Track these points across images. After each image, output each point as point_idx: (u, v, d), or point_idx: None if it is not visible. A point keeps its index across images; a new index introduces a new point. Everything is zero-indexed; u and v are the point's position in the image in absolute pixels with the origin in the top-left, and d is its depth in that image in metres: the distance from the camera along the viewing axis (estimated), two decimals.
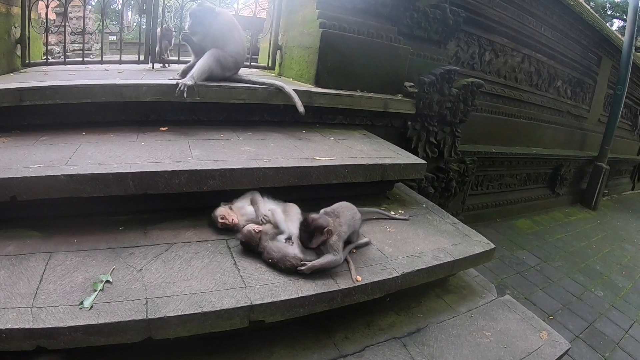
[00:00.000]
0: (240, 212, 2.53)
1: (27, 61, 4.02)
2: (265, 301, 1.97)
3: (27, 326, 1.65)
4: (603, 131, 9.15)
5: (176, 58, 4.54)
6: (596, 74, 9.03)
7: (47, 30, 4.12)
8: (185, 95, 3.12)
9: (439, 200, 4.66)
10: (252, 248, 2.30)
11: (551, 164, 8.10)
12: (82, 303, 1.79)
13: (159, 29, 4.37)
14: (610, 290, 5.55)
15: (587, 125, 9.39)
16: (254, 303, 1.94)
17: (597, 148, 9.17)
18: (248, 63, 4.50)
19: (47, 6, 4.06)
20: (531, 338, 2.54)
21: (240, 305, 1.91)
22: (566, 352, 2.53)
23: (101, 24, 4.43)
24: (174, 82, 3.17)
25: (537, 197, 8.02)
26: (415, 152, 4.20)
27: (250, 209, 2.55)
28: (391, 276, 2.33)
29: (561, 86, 8.29)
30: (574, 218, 8.34)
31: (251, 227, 2.34)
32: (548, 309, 4.72)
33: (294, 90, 3.50)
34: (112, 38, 11.83)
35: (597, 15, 8.70)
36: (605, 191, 9.64)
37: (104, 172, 2.32)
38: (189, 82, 3.14)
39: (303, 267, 2.17)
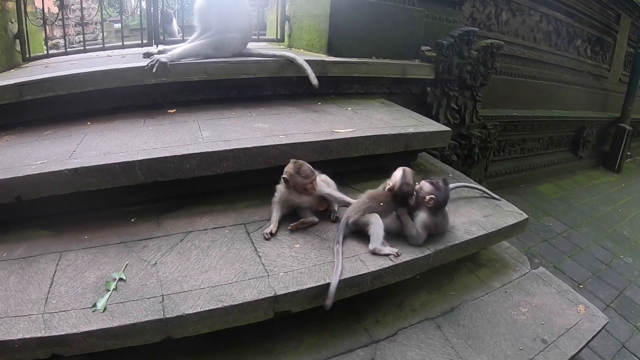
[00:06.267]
0: None
1: (27, 56, 3.92)
2: (290, 290, 1.86)
3: (39, 334, 1.58)
4: (624, 91, 8.81)
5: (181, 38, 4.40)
6: (616, 32, 8.70)
7: (44, 22, 3.99)
8: (154, 70, 2.98)
9: (462, 168, 4.49)
10: None
11: (573, 126, 7.86)
12: (95, 305, 1.71)
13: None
14: (639, 257, 5.38)
15: (608, 86, 9.08)
16: (278, 293, 1.83)
17: (619, 109, 8.81)
18: (256, 37, 4.38)
19: None
20: (568, 313, 2.47)
21: (263, 297, 1.81)
22: (604, 327, 2.46)
23: (99, 8, 4.27)
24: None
25: (560, 161, 7.80)
26: (436, 118, 4.03)
27: None
28: (423, 254, 2.22)
29: (580, 45, 8.00)
30: (598, 182, 8.11)
31: None
32: (578, 278, 4.59)
33: (306, 60, 3.36)
34: (117, 26, 11.68)
35: None
36: (628, 153, 9.33)
37: (109, 162, 2.23)
38: (164, 60, 3.02)
39: None
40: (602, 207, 6.82)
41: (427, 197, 2.22)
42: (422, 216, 2.25)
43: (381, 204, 2.25)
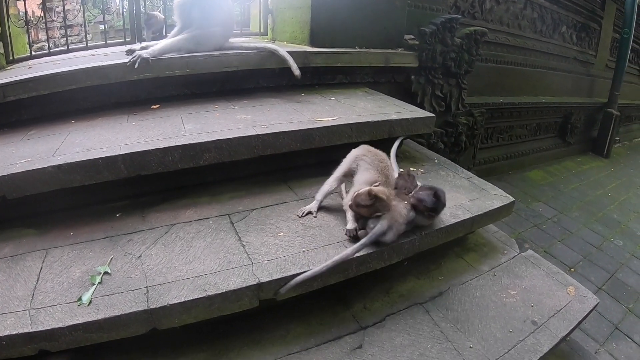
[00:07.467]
0: None
1: (11, 58, 3.88)
2: (274, 278, 1.85)
3: (26, 330, 1.58)
4: (611, 77, 8.84)
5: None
6: (601, 17, 8.72)
7: (27, 24, 3.98)
8: (135, 66, 2.97)
9: (450, 156, 4.50)
10: None
11: (561, 113, 7.88)
12: (80, 299, 1.71)
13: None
14: (629, 239, 5.43)
15: (595, 71, 9.10)
16: (262, 281, 1.83)
17: (607, 94, 8.82)
18: (240, 31, 4.40)
19: None
20: (558, 294, 2.47)
21: (247, 285, 1.81)
22: (595, 307, 2.46)
23: (82, 9, 4.24)
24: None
25: (549, 147, 7.83)
26: (421, 106, 4.05)
27: None
28: (408, 239, 2.21)
29: (566, 32, 8.01)
30: (587, 167, 8.15)
31: None
32: (569, 262, 4.63)
33: (288, 52, 3.36)
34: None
35: None
36: (617, 138, 9.36)
37: (92, 157, 2.21)
38: (145, 55, 3.00)
39: None
40: (591, 192, 6.84)
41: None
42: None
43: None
